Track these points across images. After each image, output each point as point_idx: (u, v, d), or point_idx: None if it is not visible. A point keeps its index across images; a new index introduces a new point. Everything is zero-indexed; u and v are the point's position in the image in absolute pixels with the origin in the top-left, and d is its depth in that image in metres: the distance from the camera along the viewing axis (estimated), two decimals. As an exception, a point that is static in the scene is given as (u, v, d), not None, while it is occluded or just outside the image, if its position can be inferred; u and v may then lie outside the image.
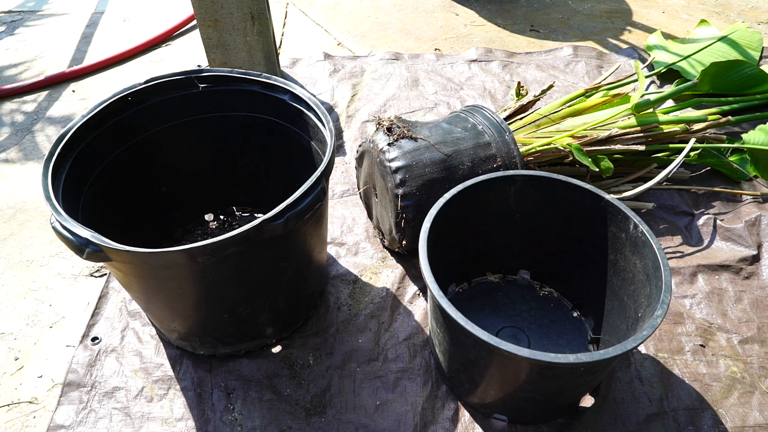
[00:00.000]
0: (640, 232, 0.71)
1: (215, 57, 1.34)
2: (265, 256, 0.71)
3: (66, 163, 0.74)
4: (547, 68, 1.57)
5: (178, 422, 0.79)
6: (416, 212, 0.87)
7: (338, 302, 0.94)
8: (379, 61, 1.58)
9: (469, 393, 0.77)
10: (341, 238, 1.06)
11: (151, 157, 0.91)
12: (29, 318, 0.95)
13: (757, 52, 1.45)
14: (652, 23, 1.85)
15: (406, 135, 0.90)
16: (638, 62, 1.39)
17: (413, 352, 0.87)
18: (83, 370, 0.84)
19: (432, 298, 0.66)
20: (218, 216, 1.09)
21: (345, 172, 1.22)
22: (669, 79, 1.49)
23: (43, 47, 1.77)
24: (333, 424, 0.78)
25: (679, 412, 0.79)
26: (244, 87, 0.88)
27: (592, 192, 0.78)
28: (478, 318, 0.89)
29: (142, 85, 0.84)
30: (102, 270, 1.03)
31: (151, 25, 1.90)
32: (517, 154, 0.92)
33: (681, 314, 0.92)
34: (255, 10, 1.28)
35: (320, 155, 0.85)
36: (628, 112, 1.06)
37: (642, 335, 0.59)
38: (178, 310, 0.76)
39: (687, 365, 0.85)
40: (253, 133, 0.94)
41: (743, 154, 1.18)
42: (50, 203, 0.65)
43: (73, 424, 0.78)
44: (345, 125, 1.36)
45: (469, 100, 1.43)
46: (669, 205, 1.11)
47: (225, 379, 0.83)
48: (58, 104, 1.49)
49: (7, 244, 1.09)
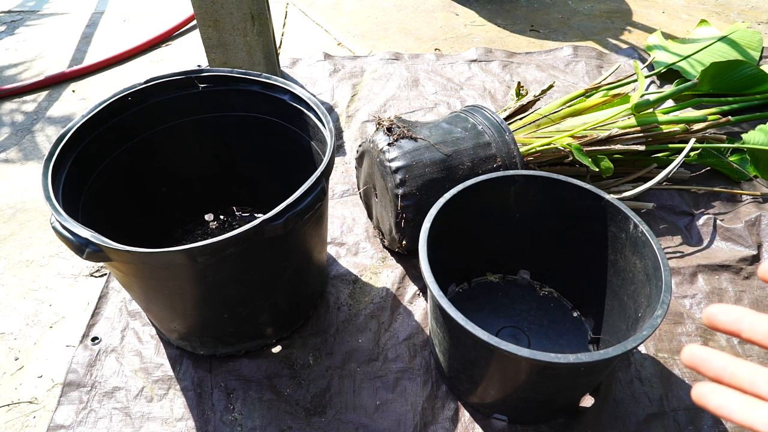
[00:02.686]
0: (640, 232, 0.71)
1: (215, 57, 1.34)
2: (265, 256, 0.71)
3: (66, 163, 0.74)
4: (547, 68, 1.57)
5: (178, 422, 0.79)
6: (416, 212, 0.87)
7: (338, 302, 0.94)
8: (379, 61, 1.58)
9: (469, 393, 0.77)
10: (341, 238, 1.06)
11: (151, 157, 0.91)
12: (29, 318, 0.95)
13: (757, 52, 1.45)
14: (652, 23, 1.85)
15: (406, 135, 0.90)
16: (638, 62, 1.38)
17: (413, 352, 0.87)
18: (83, 370, 0.84)
19: (432, 298, 0.66)
20: (218, 216, 1.09)
21: (345, 172, 1.22)
22: (669, 79, 1.49)
23: (43, 47, 1.77)
24: (333, 424, 0.78)
25: (679, 412, 0.79)
26: (244, 87, 0.88)
27: (592, 192, 0.78)
28: (478, 318, 0.89)
29: (142, 85, 0.84)
30: (102, 270, 1.03)
31: (151, 25, 1.90)
32: (517, 154, 0.92)
33: (681, 314, 0.92)
34: (255, 10, 1.28)
35: (320, 155, 0.85)
36: (628, 112, 1.06)
37: (642, 335, 0.59)
38: (178, 310, 0.76)
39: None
40: (253, 133, 0.94)
41: (743, 154, 1.18)
42: (50, 203, 0.65)
43: (73, 424, 0.78)
44: (345, 125, 1.36)
45: (469, 100, 1.43)
46: (669, 205, 1.11)
47: (225, 379, 0.83)
48: (58, 104, 1.49)
49: (7, 244, 1.09)
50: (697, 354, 0.29)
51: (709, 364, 0.28)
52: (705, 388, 0.28)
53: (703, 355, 0.28)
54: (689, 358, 0.29)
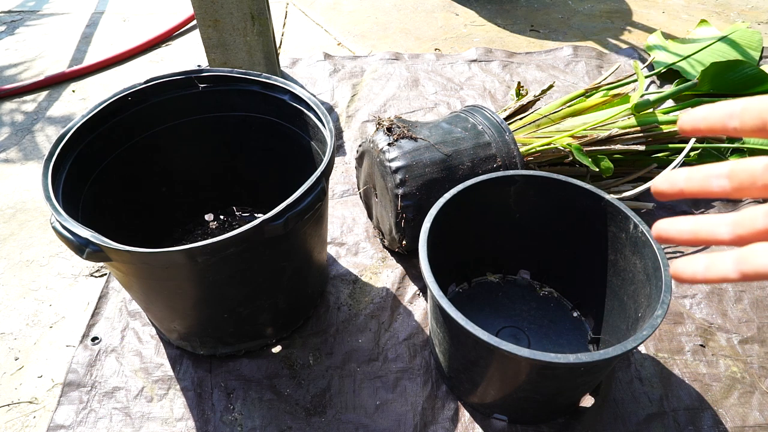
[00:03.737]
0: (640, 232, 0.71)
1: (215, 57, 1.34)
2: (265, 256, 0.71)
3: (66, 163, 0.74)
4: (547, 68, 1.57)
5: (178, 422, 0.79)
6: (416, 212, 0.88)
7: (338, 302, 0.94)
8: (379, 61, 1.58)
9: (469, 393, 0.77)
10: (341, 238, 1.06)
11: (151, 157, 0.91)
12: (29, 318, 0.95)
13: (757, 52, 1.45)
14: (652, 23, 1.85)
15: (406, 135, 0.90)
16: (638, 62, 1.38)
17: (413, 352, 0.87)
18: (83, 370, 0.84)
19: (432, 298, 0.66)
20: (218, 216, 1.09)
21: (345, 172, 1.22)
22: (669, 79, 1.49)
23: (43, 47, 1.77)
24: (333, 424, 0.78)
25: (679, 412, 0.79)
26: (244, 87, 0.88)
27: (592, 192, 0.78)
28: (478, 318, 0.89)
29: (142, 85, 0.84)
30: (102, 270, 1.03)
31: (151, 25, 1.90)
32: (517, 154, 0.92)
33: (681, 314, 0.92)
34: (255, 10, 1.28)
35: (320, 155, 0.85)
36: (628, 112, 1.06)
37: (642, 335, 0.59)
38: (178, 310, 0.76)
39: (687, 365, 0.85)
40: (253, 133, 0.94)
41: (743, 154, 1.18)
42: (50, 203, 0.65)
43: (73, 424, 0.78)
44: (345, 125, 1.36)
45: (469, 100, 1.43)
46: (669, 205, 1.11)
47: (225, 379, 0.83)
48: (58, 104, 1.49)
49: (7, 244, 1.09)
50: (663, 227, 0.31)
51: (676, 228, 0.31)
52: (677, 263, 0.30)
53: (669, 225, 0.31)
54: (657, 231, 0.31)
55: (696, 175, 0.30)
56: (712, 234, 0.29)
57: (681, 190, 0.30)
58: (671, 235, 0.31)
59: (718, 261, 0.28)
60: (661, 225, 0.31)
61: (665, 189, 0.31)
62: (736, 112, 0.27)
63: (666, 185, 0.31)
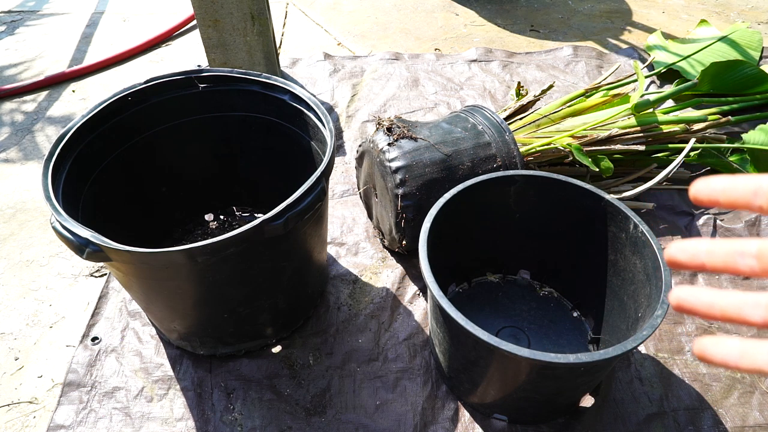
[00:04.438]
0: (640, 232, 0.71)
1: (215, 57, 1.34)
2: (265, 256, 0.71)
3: (66, 163, 0.74)
4: (547, 68, 1.57)
5: (178, 422, 0.79)
6: (416, 212, 0.87)
7: (338, 302, 0.94)
8: (379, 61, 1.58)
9: (469, 393, 0.77)
10: (341, 238, 1.06)
11: (151, 157, 0.91)
12: (29, 318, 0.95)
13: (757, 52, 1.45)
14: (652, 23, 1.85)
15: (406, 135, 0.90)
16: (638, 62, 1.38)
17: (413, 352, 0.87)
18: (83, 370, 0.84)
19: (432, 298, 0.66)
20: (218, 216, 1.09)
21: (345, 172, 1.22)
22: (669, 79, 1.49)
23: (43, 47, 1.77)
24: (333, 424, 0.78)
25: (679, 412, 0.79)
26: (244, 87, 0.88)
27: (592, 192, 0.78)
28: (478, 318, 0.89)
29: (142, 85, 0.84)
30: (102, 270, 1.03)
31: (151, 25, 1.90)
32: (517, 154, 0.92)
33: (681, 314, 0.92)
34: (255, 10, 1.28)
35: (320, 155, 0.85)
36: (628, 112, 1.06)
37: (642, 335, 0.59)
38: (178, 310, 0.76)
39: (687, 365, 0.85)
40: (253, 133, 0.94)
41: (743, 154, 1.18)
42: (50, 203, 0.65)
43: (73, 424, 0.78)
44: (345, 125, 1.36)
45: (469, 100, 1.43)
46: (669, 205, 1.11)
47: (225, 379, 0.83)
48: (58, 104, 1.49)
49: (7, 244, 1.09)
50: (683, 297, 0.27)
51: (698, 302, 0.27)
52: (705, 342, 0.27)
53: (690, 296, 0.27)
54: (676, 300, 0.28)
55: (719, 250, 0.26)
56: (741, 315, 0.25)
57: (702, 264, 0.27)
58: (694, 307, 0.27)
59: (755, 351, 0.25)
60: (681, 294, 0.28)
61: (684, 261, 0.28)
62: (763, 189, 0.25)
63: (685, 257, 0.27)
